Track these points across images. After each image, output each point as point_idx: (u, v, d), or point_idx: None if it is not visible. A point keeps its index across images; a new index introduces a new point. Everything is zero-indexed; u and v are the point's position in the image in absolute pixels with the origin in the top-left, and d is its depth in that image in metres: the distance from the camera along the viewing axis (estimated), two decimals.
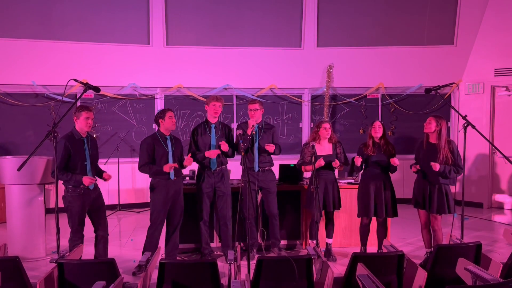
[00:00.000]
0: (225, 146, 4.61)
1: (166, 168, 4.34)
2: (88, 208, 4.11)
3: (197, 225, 4.82)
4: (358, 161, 4.58)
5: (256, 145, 4.76)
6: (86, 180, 3.97)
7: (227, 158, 4.82)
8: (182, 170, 4.67)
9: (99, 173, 4.30)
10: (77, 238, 4.07)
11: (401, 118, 7.98)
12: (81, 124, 4.04)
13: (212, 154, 4.61)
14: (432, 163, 4.32)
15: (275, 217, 4.87)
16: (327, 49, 7.72)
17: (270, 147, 4.69)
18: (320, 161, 4.61)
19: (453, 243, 3.62)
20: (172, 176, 4.45)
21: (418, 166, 4.51)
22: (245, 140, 4.66)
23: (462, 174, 5.70)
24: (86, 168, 4.08)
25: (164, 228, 4.63)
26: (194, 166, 5.63)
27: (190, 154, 4.57)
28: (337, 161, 4.69)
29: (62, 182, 4.04)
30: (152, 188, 4.51)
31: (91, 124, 4.10)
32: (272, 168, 4.94)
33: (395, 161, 4.54)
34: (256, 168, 4.76)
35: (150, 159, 4.44)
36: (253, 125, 4.71)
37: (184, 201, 4.80)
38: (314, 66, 7.77)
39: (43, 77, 7.04)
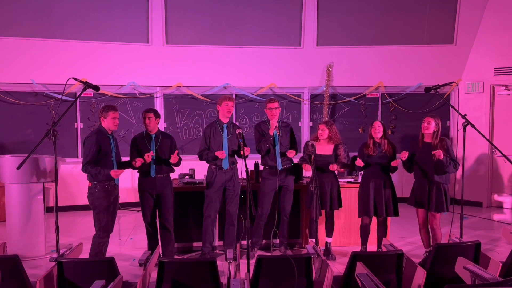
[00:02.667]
0: (248, 152, 4.61)
1: (137, 164, 4.32)
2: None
3: (197, 224, 4.82)
4: (360, 163, 4.59)
5: (277, 145, 4.78)
6: (113, 173, 4.03)
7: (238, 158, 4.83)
8: (175, 167, 4.65)
9: (125, 165, 4.39)
10: (104, 235, 4.10)
11: (400, 117, 7.98)
12: (109, 123, 4.14)
13: (221, 154, 4.60)
14: (437, 151, 4.31)
15: (287, 215, 4.91)
16: (326, 48, 7.72)
17: (291, 153, 4.76)
18: (333, 167, 4.68)
19: (452, 242, 3.63)
20: (152, 174, 4.47)
21: (406, 154, 4.48)
22: (267, 140, 4.69)
23: (461, 173, 5.71)
24: (113, 164, 4.17)
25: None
26: (194, 165, 5.63)
27: (176, 151, 4.53)
28: (334, 165, 4.68)
29: (88, 179, 4.10)
30: (138, 186, 4.57)
31: (118, 123, 4.22)
32: None
33: (395, 162, 4.56)
34: (279, 167, 4.78)
35: (135, 156, 4.48)
36: (276, 126, 4.73)
37: (183, 200, 4.80)
38: (313, 65, 7.77)
39: (42, 76, 7.04)
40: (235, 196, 4.77)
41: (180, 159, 4.60)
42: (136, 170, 4.57)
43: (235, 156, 4.79)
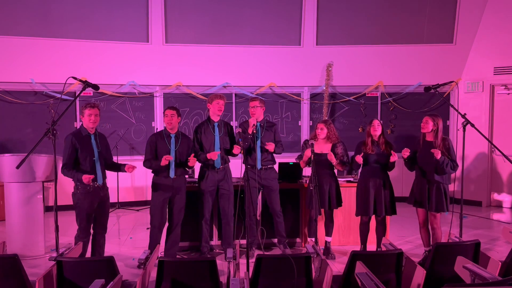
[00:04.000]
0: (237, 150, 4.59)
1: (162, 162, 4.32)
2: (96, 205, 4.12)
3: (197, 223, 4.82)
4: (360, 159, 4.57)
5: (258, 143, 4.76)
6: (85, 179, 3.93)
7: (230, 157, 4.82)
8: (188, 169, 4.65)
9: (116, 167, 4.32)
10: (84, 235, 4.08)
11: (400, 116, 7.98)
12: (85, 121, 4.09)
13: (213, 155, 4.59)
14: (434, 150, 4.31)
15: (278, 214, 4.89)
16: (326, 47, 7.71)
17: (270, 146, 4.71)
18: (307, 152, 4.59)
19: (451, 242, 3.62)
20: (171, 175, 4.45)
21: (408, 151, 4.47)
22: (246, 139, 4.68)
23: (460, 172, 5.72)
24: (94, 164, 4.10)
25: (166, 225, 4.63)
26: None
27: (193, 154, 4.52)
28: (331, 154, 4.63)
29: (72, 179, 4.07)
30: (153, 186, 4.54)
31: (95, 120, 4.10)
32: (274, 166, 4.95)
33: (393, 157, 4.55)
34: (259, 166, 4.77)
35: (153, 155, 4.49)
36: (253, 124, 4.71)
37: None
38: (313, 64, 7.77)
39: (42, 75, 7.03)
40: (228, 196, 4.76)
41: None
42: (151, 171, 4.57)
43: (228, 155, 4.78)
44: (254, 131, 4.72)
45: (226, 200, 4.76)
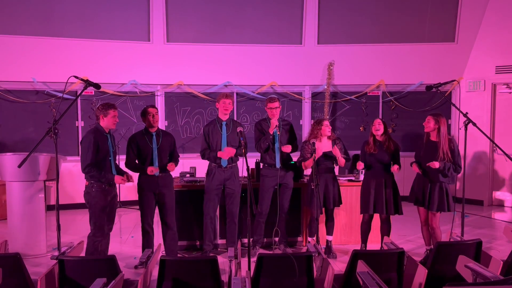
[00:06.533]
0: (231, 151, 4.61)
1: (148, 171, 4.34)
2: (108, 203, 4.13)
3: (199, 222, 4.82)
4: (360, 166, 4.60)
5: (277, 143, 4.78)
6: (118, 180, 4.01)
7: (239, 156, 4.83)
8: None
9: (118, 170, 4.32)
10: (99, 234, 4.08)
11: (401, 115, 7.97)
12: (109, 122, 4.10)
13: (224, 155, 4.61)
14: (430, 163, 4.32)
15: (286, 213, 4.93)
16: (327, 46, 7.71)
17: (287, 148, 4.76)
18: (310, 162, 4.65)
19: (453, 241, 3.62)
20: (156, 173, 4.44)
21: (419, 169, 4.51)
22: (266, 139, 4.71)
23: (462, 171, 5.70)
24: (110, 163, 4.12)
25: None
26: (195, 163, 5.64)
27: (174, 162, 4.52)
28: (336, 148, 4.68)
29: (86, 178, 4.05)
30: (138, 185, 4.52)
31: (117, 122, 4.19)
32: None
33: (393, 169, 4.57)
34: (278, 165, 4.78)
35: (135, 155, 4.46)
36: (276, 125, 4.74)
37: (184, 198, 4.79)
38: (314, 63, 7.76)
39: (43, 74, 7.04)
40: (235, 195, 4.77)
41: (176, 164, 4.57)
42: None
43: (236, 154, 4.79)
44: (278, 132, 4.75)
45: (232, 199, 4.77)
